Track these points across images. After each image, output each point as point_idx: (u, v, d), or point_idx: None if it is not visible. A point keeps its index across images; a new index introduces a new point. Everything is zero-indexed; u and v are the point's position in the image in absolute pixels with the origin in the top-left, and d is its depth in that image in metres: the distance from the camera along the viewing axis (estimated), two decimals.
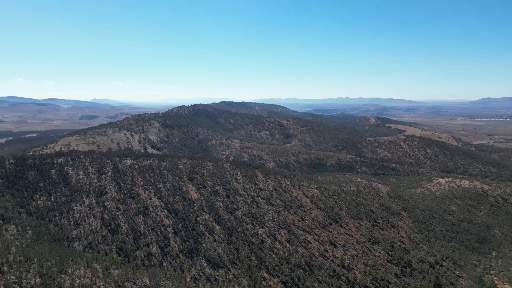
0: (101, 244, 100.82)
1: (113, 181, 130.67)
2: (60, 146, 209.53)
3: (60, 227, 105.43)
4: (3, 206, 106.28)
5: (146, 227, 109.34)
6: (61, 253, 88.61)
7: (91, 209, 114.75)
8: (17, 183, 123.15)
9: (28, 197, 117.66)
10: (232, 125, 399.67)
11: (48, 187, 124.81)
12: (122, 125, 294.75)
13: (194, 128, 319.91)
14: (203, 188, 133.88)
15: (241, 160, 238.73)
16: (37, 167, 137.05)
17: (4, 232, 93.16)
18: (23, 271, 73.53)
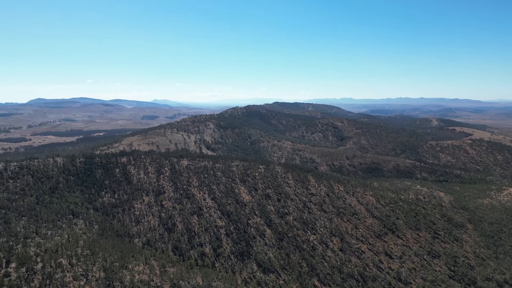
0: (158, 242, 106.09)
1: (171, 181, 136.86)
2: (124, 146, 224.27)
3: (122, 224, 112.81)
4: (74, 202, 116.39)
5: (200, 227, 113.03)
6: (123, 248, 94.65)
7: (150, 207, 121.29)
8: (86, 181, 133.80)
9: (95, 194, 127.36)
10: (285, 127, 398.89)
11: (112, 185, 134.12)
12: (179, 126, 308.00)
13: (247, 130, 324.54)
14: (255, 191, 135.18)
15: (292, 162, 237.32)
16: (103, 165, 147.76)
17: (74, 226, 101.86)
18: (89, 264, 79.63)
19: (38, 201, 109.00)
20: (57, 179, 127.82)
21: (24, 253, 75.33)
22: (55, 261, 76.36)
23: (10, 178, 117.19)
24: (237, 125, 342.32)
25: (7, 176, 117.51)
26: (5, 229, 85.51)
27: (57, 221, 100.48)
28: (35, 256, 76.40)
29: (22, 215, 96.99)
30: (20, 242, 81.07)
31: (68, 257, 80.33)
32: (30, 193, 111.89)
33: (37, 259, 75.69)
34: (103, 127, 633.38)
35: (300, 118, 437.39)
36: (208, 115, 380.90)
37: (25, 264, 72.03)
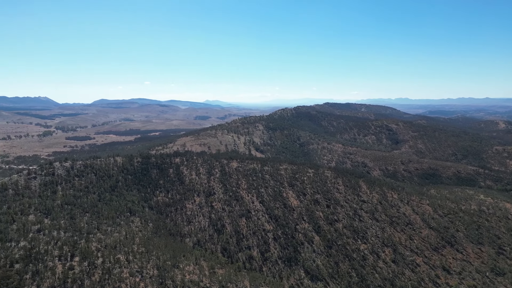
0: (208, 243, 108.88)
1: (220, 183, 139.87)
2: (177, 146, 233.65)
3: (175, 223, 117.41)
4: (131, 200, 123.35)
5: (248, 230, 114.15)
6: (175, 247, 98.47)
7: (201, 208, 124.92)
8: (142, 180, 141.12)
9: (150, 193, 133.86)
10: (335, 128, 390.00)
11: (166, 185, 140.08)
12: (230, 128, 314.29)
13: (296, 131, 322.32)
14: (303, 196, 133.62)
15: (343, 166, 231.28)
16: (158, 165, 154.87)
17: (131, 224, 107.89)
18: (144, 262, 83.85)
19: (100, 199, 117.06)
20: (116, 177, 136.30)
21: (87, 248, 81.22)
22: (113, 257, 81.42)
23: (76, 176, 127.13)
24: (286, 126, 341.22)
25: (73, 174, 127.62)
26: (70, 224, 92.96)
27: (116, 218, 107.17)
28: (96, 251, 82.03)
29: (85, 211, 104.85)
30: (83, 237, 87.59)
31: (125, 253, 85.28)
32: (93, 191, 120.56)
33: (98, 254, 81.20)
34: (159, 127, 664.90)
35: (351, 120, 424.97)
36: (257, 117, 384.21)
37: (87, 259, 77.56)
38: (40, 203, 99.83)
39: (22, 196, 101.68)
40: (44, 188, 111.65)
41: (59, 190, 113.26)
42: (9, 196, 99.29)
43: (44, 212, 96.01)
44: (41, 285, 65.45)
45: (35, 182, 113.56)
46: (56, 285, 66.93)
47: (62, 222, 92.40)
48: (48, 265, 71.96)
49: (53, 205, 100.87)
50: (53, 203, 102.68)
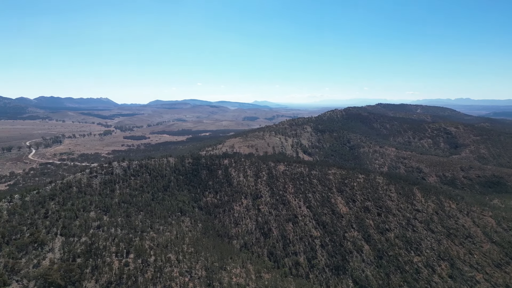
0: (254, 246, 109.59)
1: (267, 186, 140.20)
2: (226, 148, 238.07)
3: (223, 224, 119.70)
4: (182, 200, 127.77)
5: (294, 235, 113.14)
6: (222, 249, 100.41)
7: (248, 210, 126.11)
8: (192, 180, 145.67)
9: (200, 194, 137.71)
10: (388, 131, 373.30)
11: (215, 186, 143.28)
12: (277, 129, 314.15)
13: (346, 134, 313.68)
14: (353, 202, 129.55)
15: (396, 172, 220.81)
16: (208, 166, 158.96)
17: (181, 224, 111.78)
18: (193, 262, 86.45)
19: (153, 198, 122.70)
20: (169, 178, 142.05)
21: (141, 246, 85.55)
22: (165, 256, 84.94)
23: (132, 175, 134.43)
24: (336, 128, 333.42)
25: (130, 173, 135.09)
26: (126, 222, 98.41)
27: (168, 217, 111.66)
28: (149, 249, 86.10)
29: (140, 210, 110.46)
30: (138, 235, 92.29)
31: (176, 253, 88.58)
32: (147, 190, 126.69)
33: (150, 252, 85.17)
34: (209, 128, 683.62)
35: (406, 122, 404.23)
36: (305, 118, 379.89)
37: (141, 256, 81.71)
38: (100, 200, 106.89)
39: (84, 193, 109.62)
40: (104, 186, 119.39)
41: (116, 188, 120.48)
42: (73, 193, 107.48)
43: (103, 210, 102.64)
44: (100, 280, 70.02)
45: (96, 180, 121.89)
46: (113, 280, 71.25)
47: (119, 220, 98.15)
48: (106, 260, 76.82)
49: (111, 203, 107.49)
50: (111, 201, 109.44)
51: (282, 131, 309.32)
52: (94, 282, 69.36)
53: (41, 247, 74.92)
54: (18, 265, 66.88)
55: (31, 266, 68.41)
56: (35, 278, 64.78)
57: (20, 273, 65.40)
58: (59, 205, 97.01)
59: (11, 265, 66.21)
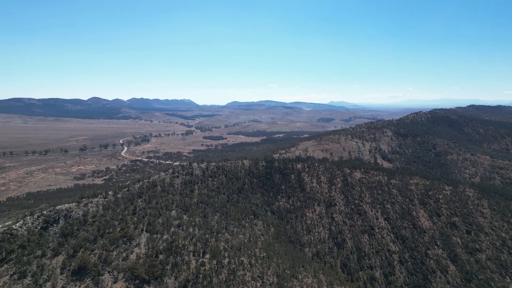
0: (327, 255, 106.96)
1: (342, 194, 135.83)
2: (300, 151, 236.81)
3: (295, 230, 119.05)
4: (255, 203, 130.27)
5: (370, 248, 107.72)
6: (294, 256, 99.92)
7: (321, 218, 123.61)
8: (266, 184, 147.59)
9: (272, 197, 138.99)
10: (482, 136, 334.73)
11: (288, 190, 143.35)
12: (354, 133, 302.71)
13: (431, 139, 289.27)
14: (437, 217, 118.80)
15: (490, 183, 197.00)
16: (281, 170, 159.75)
17: (254, 227, 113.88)
18: (265, 267, 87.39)
19: (228, 200, 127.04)
20: (243, 180, 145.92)
21: (216, 247, 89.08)
22: (238, 259, 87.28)
23: (210, 176, 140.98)
24: (419, 132, 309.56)
25: (208, 174, 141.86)
26: (203, 222, 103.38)
27: (242, 220, 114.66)
28: (223, 251, 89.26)
29: (216, 211, 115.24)
30: (214, 236, 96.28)
31: (248, 256, 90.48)
32: (223, 192, 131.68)
33: (225, 254, 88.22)
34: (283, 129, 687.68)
35: (504, 126, 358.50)
36: (385, 121, 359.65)
37: (216, 257, 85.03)
38: (180, 200, 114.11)
39: (167, 192, 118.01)
40: (184, 186, 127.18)
41: (195, 189, 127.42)
42: (157, 192, 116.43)
43: (183, 209, 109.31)
44: (179, 277, 74.60)
45: (177, 180, 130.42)
46: (190, 279, 75.32)
47: (197, 220, 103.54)
48: (184, 259, 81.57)
49: (190, 203, 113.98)
50: (190, 201, 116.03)
51: (359, 134, 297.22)
52: (173, 279, 74.14)
53: (130, 242, 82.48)
54: (110, 257, 74.62)
55: (121, 259, 75.75)
56: (123, 270, 71.57)
57: (111, 265, 72.86)
58: (145, 202, 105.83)
59: (104, 257, 74.16)
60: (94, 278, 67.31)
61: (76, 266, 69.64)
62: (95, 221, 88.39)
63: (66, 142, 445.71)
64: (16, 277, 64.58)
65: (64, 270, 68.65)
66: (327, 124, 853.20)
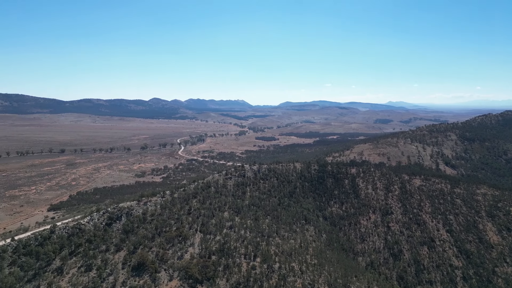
0: (382, 266, 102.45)
1: (399, 202, 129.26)
2: (354, 154, 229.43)
3: (348, 238, 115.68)
4: (307, 208, 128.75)
5: (430, 261, 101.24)
6: (347, 265, 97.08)
7: (376, 226, 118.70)
8: (318, 188, 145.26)
9: (325, 202, 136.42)
10: None
11: (341, 196, 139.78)
12: (414, 136, 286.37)
13: (501, 144, 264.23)
14: (507, 231, 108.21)
15: None
16: (334, 175, 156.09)
17: (306, 232, 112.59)
18: (316, 275, 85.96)
19: (280, 203, 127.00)
20: (295, 183, 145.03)
21: (267, 251, 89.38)
22: (289, 264, 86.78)
23: (261, 179, 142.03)
24: (488, 137, 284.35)
25: (259, 177, 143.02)
26: (255, 225, 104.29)
27: (293, 224, 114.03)
28: (274, 256, 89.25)
29: (267, 214, 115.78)
30: (265, 240, 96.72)
31: (299, 262, 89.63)
32: (274, 195, 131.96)
33: (275, 258, 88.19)
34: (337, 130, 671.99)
35: None
36: (449, 124, 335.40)
37: (267, 261, 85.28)
38: (232, 202, 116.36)
39: (220, 194, 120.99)
40: (237, 188, 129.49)
41: (247, 191, 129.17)
42: (211, 193, 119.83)
43: (235, 211, 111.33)
44: (230, 279, 76.03)
45: (230, 182, 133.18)
46: (241, 282, 76.40)
47: (249, 222, 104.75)
48: (236, 261, 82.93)
49: (242, 205, 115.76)
50: (242, 203, 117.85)
51: (420, 138, 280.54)
52: (225, 280, 75.72)
53: (184, 241, 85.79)
54: (166, 256, 78.28)
55: (176, 257, 79.09)
56: (178, 269, 74.66)
57: (167, 263, 76.38)
58: (199, 203, 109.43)
59: (161, 255, 77.95)
60: (151, 275, 71.05)
61: (136, 262, 74.04)
62: (153, 219, 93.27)
63: (129, 140, 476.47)
64: (83, 269, 70.40)
65: (125, 266, 73.36)
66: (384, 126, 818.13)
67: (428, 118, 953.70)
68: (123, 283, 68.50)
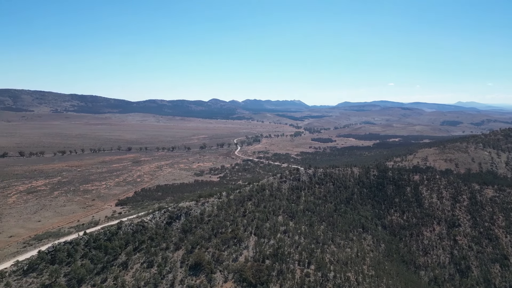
0: (447, 283, 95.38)
1: (468, 214, 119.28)
2: (418, 160, 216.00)
3: (409, 250, 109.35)
4: (364, 216, 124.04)
5: (503, 281, 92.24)
6: (407, 279, 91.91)
7: (441, 239, 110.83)
8: (377, 195, 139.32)
9: (384, 210, 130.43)
10: None
11: (402, 204, 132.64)
12: (487, 140, 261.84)
13: None
14: None
15: None
16: (395, 181, 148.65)
17: (363, 241, 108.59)
18: (373, 287, 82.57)
19: (335, 209, 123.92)
20: (352, 189, 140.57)
21: (321, 259, 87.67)
22: (344, 274, 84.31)
23: (316, 183, 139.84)
24: None
25: (314, 181, 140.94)
26: (309, 231, 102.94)
27: (349, 232, 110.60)
28: (329, 264, 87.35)
29: (322, 220, 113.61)
30: (319, 247, 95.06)
31: (355, 273, 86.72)
32: (329, 200, 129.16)
33: (330, 267, 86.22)
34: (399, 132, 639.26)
35: None
36: None
37: (321, 269, 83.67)
38: (287, 206, 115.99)
39: (274, 197, 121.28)
40: (291, 192, 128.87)
41: (302, 195, 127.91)
42: (265, 196, 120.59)
43: (289, 215, 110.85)
44: (283, 285, 75.81)
45: (285, 185, 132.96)
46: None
47: (303, 228, 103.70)
48: (289, 267, 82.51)
49: (296, 210, 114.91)
50: (297, 207, 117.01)
51: (494, 142, 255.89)
52: (279, 286, 75.60)
53: (239, 244, 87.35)
54: (221, 257, 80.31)
55: (231, 259, 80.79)
56: (233, 271, 76.18)
57: (222, 264, 78.30)
58: (254, 206, 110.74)
59: (217, 256, 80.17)
60: (207, 275, 73.35)
61: (193, 261, 76.95)
62: (210, 220, 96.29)
63: (189, 140, 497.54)
64: (145, 265, 74.87)
65: (183, 264, 76.62)
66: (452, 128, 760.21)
67: (504, 120, 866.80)
68: (181, 281, 71.53)
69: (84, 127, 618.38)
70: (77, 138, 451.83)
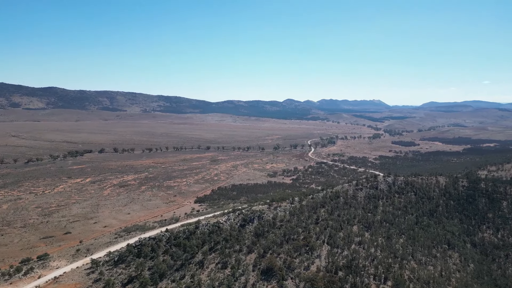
0: None
1: None
2: None
3: (503, 273, 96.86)
4: (451, 231, 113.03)
5: None
6: None
7: None
8: (466, 208, 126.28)
9: (475, 226, 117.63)
10: None
11: (496, 221, 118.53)
12: None
13: None
14: None
15: None
16: (488, 194, 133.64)
17: (448, 259, 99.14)
18: None
19: (417, 222, 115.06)
20: (437, 201, 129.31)
21: (400, 275, 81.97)
22: None
23: (396, 192, 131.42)
24: None
25: (394, 190, 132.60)
26: (387, 244, 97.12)
27: (432, 248, 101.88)
28: (408, 282, 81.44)
29: (401, 233, 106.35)
30: (398, 262, 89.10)
31: None
32: (411, 212, 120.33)
33: (410, 285, 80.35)
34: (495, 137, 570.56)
35: None
36: None
37: (399, 287, 78.31)
38: (363, 215, 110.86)
39: (349, 205, 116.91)
40: (368, 201, 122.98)
41: (380, 205, 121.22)
42: (340, 203, 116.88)
43: (365, 225, 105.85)
44: None
45: (361, 193, 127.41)
46: None
47: (380, 240, 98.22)
48: (364, 281, 78.73)
49: (373, 220, 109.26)
50: (373, 217, 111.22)
51: None
52: None
53: (311, 252, 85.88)
54: (293, 264, 79.80)
55: (302, 267, 79.82)
56: (304, 280, 75.14)
57: (293, 272, 77.72)
58: (327, 213, 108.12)
59: (288, 263, 79.89)
60: (279, 281, 73.47)
61: (265, 266, 77.83)
62: (282, 225, 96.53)
63: (263, 140, 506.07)
64: (219, 266, 77.87)
65: (255, 268, 77.95)
66: None
67: None
68: (253, 285, 72.82)
69: (168, 126, 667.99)
70: (162, 136, 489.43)
